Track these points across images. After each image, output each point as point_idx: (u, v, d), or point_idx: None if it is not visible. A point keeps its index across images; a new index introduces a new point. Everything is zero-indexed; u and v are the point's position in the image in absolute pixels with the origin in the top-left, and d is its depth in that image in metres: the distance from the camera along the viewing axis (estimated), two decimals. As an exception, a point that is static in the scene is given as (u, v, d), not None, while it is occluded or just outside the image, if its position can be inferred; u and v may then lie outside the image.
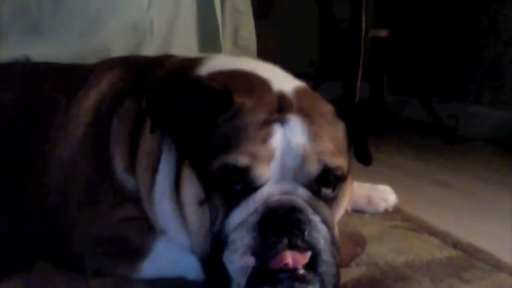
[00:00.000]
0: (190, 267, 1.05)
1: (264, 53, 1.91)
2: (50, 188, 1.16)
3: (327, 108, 1.04)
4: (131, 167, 1.10)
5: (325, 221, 0.92)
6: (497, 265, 1.25)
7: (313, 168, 0.92)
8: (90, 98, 1.22)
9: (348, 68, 2.98)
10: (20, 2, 1.70)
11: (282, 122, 0.94)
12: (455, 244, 1.36)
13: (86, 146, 1.16)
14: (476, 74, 3.30)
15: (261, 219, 0.88)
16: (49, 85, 1.29)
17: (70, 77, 1.30)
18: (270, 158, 0.91)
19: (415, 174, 2.29)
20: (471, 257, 1.29)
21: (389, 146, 2.80)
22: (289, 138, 0.92)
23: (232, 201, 0.92)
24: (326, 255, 0.89)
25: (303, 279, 0.87)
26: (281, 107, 0.98)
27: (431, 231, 1.45)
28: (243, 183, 0.91)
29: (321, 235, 0.90)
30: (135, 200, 1.10)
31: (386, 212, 1.58)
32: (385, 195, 1.61)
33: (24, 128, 1.24)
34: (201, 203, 0.95)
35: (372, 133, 1.10)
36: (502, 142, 2.90)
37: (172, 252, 1.08)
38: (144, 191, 1.08)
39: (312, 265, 0.88)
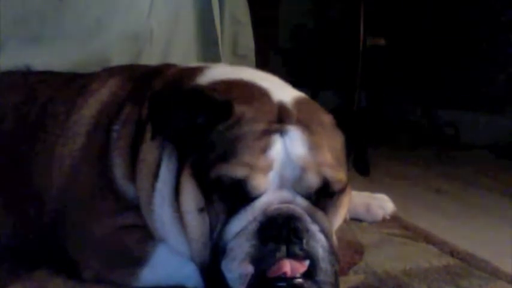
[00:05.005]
0: (189, 275, 1.06)
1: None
2: (50, 195, 1.17)
3: (327, 118, 1.05)
4: (131, 175, 1.11)
5: (323, 230, 0.93)
6: (495, 273, 1.25)
7: (313, 181, 0.93)
8: (91, 107, 1.23)
9: (346, 77, 3.00)
10: (20, 10, 1.71)
11: (282, 132, 0.95)
12: (453, 252, 1.37)
13: (86, 154, 1.17)
14: (475, 81, 3.32)
15: (260, 227, 0.89)
16: (49, 94, 1.30)
17: (70, 86, 1.31)
18: (268, 168, 0.91)
19: (413, 182, 2.30)
20: (469, 265, 1.29)
21: (387, 154, 2.81)
22: (288, 149, 0.93)
23: (232, 209, 0.92)
24: (324, 264, 0.90)
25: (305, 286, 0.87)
26: (281, 117, 0.98)
27: (429, 239, 1.46)
28: (242, 193, 0.91)
29: (319, 244, 0.91)
30: (135, 208, 1.10)
31: (384, 220, 1.59)
32: (383, 204, 1.61)
33: (24, 136, 1.24)
34: (200, 210, 0.96)
35: (370, 141, 1.11)
36: (500, 149, 2.91)
37: (171, 260, 1.08)
38: (144, 198, 1.08)
39: (310, 274, 0.88)
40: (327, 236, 0.93)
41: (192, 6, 2.02)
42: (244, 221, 0.90)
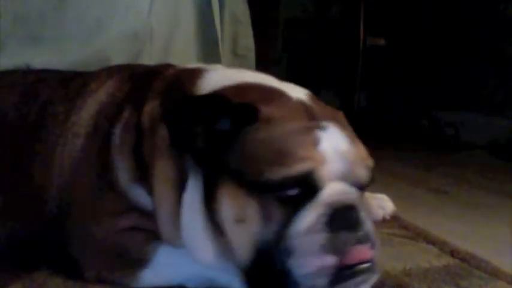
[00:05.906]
0: (191, 276, 1.06)
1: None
2: (51, 195, 1.17)
3: (340, 114, 1.07)
4: (138, 179, 1.09)
5: (369, 219, 0.96)
6: (495, 273, 1.25)
7: (363, 174, 0.97)
8: (89, 107, 1.22)
9: (346, 77, 3.00)
10: (20, 10, 1.71)
11: (322, 128, 0.95)
12: (453, 252, 1.37)
13: (86, 155, 1.16)
14: (475, 81, 3.32)
15: (330, 219, 0.90)
16: (49, 93, 1.29)
17: (69, 85, 1.31)
18: (323, 161, 0.92)
19: (413, 182, 2.30)
20: (469, 265, 1.29)
21: (387, 154, 2.81)
22: (334, 143, 0.94)
23: (293, 207, 0.92)
24: (378, 250, 0.94)
25: (373, 270, 0.92)
26: (310, 114, 0.98)
27: (429, 239, 1.46)
28: (304, 188, 0.91)
29: (373, 231, 0.95)
30: (139, 210, 1.09)
31: (384, 220, 1.59)
32: (383, 203, 1.62)
33: (24, 136, 1.24)
34: (241, 219, 0.94)
35: (370, 141, 1.11)
36: (500, 150, 2.91)
37: (173, 262, 1.08)
38: (166, 209, 1.06)
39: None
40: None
41: (192, 6, 2.02)
42: (311, 216, 0.90)
